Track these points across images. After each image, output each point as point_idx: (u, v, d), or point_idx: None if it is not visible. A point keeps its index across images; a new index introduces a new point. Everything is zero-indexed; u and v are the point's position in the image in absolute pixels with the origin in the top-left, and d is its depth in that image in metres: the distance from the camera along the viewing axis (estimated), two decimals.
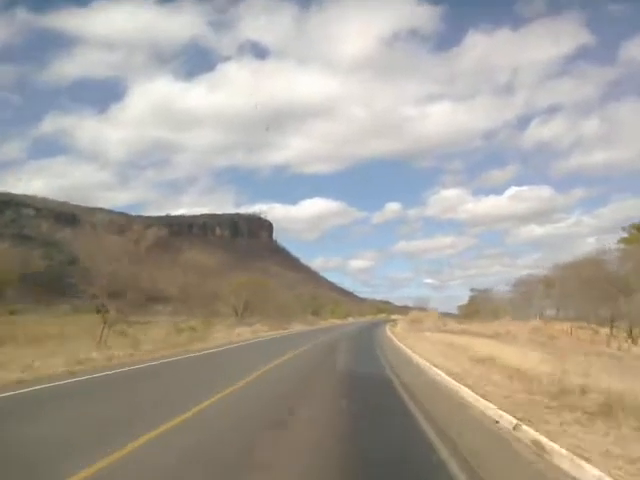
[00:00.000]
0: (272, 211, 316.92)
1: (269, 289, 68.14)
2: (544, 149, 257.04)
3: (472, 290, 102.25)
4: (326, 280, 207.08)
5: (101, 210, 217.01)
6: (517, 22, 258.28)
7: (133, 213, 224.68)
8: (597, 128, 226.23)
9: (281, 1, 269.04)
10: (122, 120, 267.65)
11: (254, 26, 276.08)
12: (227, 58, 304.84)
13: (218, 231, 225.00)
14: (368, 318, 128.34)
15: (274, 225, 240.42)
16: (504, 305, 77.17)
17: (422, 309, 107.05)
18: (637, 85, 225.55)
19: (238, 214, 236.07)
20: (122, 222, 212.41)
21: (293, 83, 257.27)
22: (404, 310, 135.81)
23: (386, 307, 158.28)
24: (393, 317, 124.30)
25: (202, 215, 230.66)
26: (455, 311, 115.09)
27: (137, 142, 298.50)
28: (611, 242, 49.45)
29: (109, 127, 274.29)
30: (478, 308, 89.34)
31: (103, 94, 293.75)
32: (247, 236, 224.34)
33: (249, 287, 59.34)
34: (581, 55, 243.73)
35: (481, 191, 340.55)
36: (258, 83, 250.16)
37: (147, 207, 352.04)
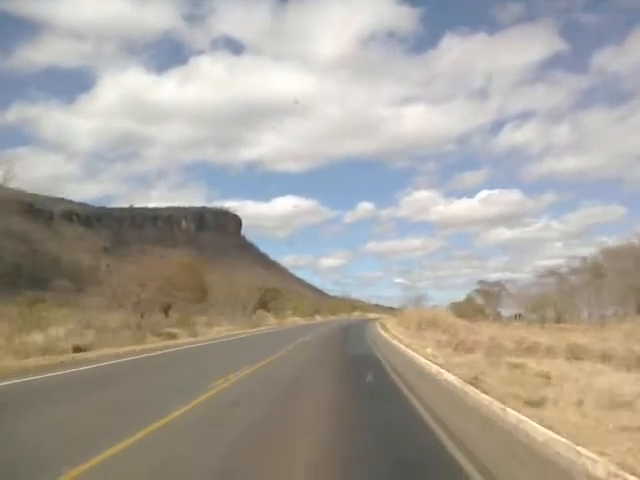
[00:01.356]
0: (243, 208, 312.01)
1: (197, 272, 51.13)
2: (516, 154, 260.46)
3: (479, 283, 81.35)
4: (295, 277, 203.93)
5: (61, 200, 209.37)
6: (493, 27, 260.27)
7: (95, 204, 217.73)
8: (568, 135, 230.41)
9: None
10: (91, 111, 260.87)
11: (229, 20, 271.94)
12: (200, 52, 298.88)
13: (184, 224, 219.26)
14: (342, 317, 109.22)
15: (245, 222, 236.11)
16: (541, 301, 60.92)
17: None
18: (607, 94, 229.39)
19: (205, 208, 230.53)
20: (86, 213, 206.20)
21: (268, 80, 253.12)
22: (376, 309, 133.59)
23: (360, 305, 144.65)
24: (371, 316, 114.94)
25: (168, 208, 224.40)
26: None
27: (106, 134, 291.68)
28: None
29: (77, 118, 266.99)
30: (479, 307, 75.34)
31: (71, 84, 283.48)
32: (214, 230, 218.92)
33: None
34: (555, 62, 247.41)
35: (453, 193, 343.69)
36: (232, 78, 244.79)
37: (116, 201, 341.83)
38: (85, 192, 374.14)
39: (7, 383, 10.42)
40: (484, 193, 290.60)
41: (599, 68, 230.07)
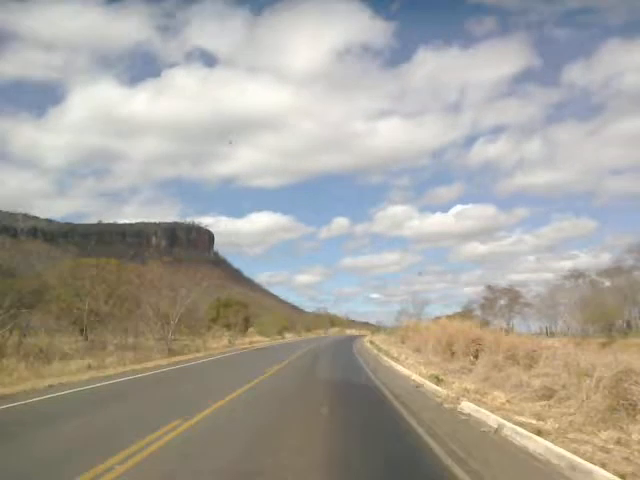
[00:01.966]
0: (218, 224, 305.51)
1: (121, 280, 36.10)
2: (489, 168, 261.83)
3: (488, 288, 65.29)
4: (270, 293, 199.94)
5: (26, 217, 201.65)
6: (467, 41, 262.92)
7: (62, 221, 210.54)
8: (539, 149, 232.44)
9: (232, 8, 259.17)
10: (61, 125, 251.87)
11: (203, 33, 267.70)
12: (174, 64, 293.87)
13: (154, 240, 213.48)
14: (319, 335, 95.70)
15: (219, 239, 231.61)
16: (601, 309, 47.13)
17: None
18: (578, 108, 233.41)
19: (177, 223, 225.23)
20: (52, 229, 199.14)
21: (242, 93, 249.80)
22: (354, 325, 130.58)
23: (338, 321, 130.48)
24: (350, 332, 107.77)
25: (137, 223, 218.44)
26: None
27: (77, 149, 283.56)
28: None
29: (47, 132, 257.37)
30: (481, 321, 54.86)
31: (41, 97, 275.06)
32: (186, 246, 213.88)
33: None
34: (527, 76, 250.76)
35: (428, 208, 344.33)
36: (206, 92, 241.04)
37: (88, 218, 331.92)
38: (55, 209, 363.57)
39: None
40: (458, 207, 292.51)
41: (570, 82, 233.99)
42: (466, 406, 9.31)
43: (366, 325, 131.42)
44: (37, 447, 6.97)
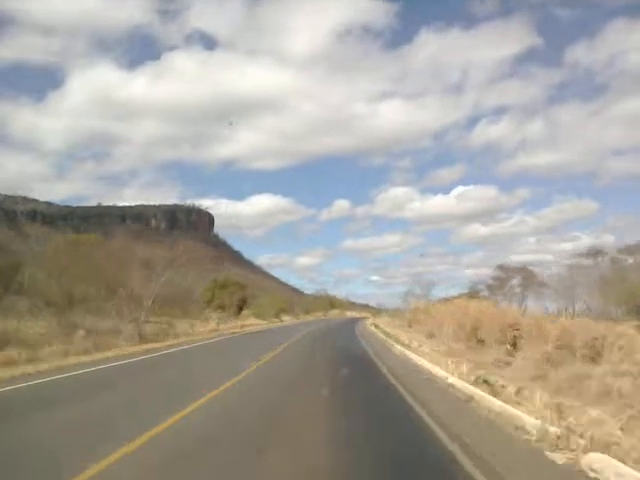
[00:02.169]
0: (218, 207, 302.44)
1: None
2: (491, 149, 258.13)
3: (498, 268, 56.20)
4: (270, 275, 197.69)
5: (25, 199, 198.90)
6: (469, 22, 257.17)
7: (60, 203, 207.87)
8: (542, 130, 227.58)
9: None
10: (61, 109, 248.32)
11: (203, 15, 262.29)
12: (174, 47, 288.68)
13: (154, 222, 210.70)
14: (318, 317, 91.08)
15: (220, 221, 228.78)
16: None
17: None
18: (580, 89, 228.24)
19: (177, 205, 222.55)
20: (51, 212, 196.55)
21: (243, 76, 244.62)
22: (353, 307, 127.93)
23: (338, 302, 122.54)
24: (350, 314, 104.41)
25: (137, 206, 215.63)
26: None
27: (77, 132, 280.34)
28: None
29: (46, 116, 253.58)
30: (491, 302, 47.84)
31: (40, 81, 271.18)
32: (186, 228, 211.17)
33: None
34: (529, 57, 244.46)
35: (429, 190, 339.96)
36: (206, 74, 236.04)
37: (87, 201, 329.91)
38: (55, 192, 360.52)
39: None
40: (460, 189, 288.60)
41: (572, 62, 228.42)
42: (598, 463, 4.77)
43: (366, 307, 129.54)
44: None
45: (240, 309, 63.85)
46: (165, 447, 6.18)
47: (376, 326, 39.78)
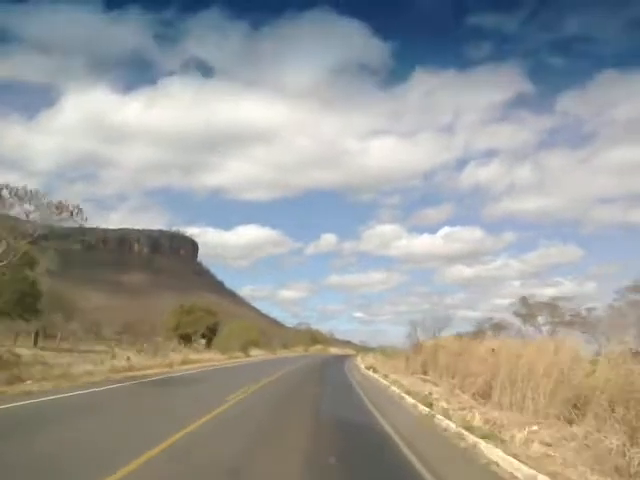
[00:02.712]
0: (205, 236, 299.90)
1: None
2: (479, 192, 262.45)
3: (522, 301, 37.50)
4: (251, 306, 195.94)
5: (2, 216, 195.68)
6: (463, 64, 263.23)
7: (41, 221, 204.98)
8: (530, 175, 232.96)
9: (231, 21, 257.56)
10: (52, 129, 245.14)
11: (201, 43, 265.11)
12: (170, 73, 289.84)
13: (136, 247, 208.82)
14: (297, 353, 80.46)
15: (206, 250, 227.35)
16: None
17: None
18: (569, 136, 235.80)
19: (161, 231, 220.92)
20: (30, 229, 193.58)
21: (237, 105, 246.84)
22: (337, 343, 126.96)
23: (321, 337, 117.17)
24: (334, 351, 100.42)
25: (121, 229, 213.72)
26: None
27: (66, 153, 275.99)
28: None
29: (37, 135, 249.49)
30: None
31: (33, 99, 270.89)
32: (169, 254, 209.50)
33: None
34: (520, 103, 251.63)
35: (416, 229, 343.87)
36: (201, 102, 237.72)
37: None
38: None
39: None
40: (446, 229, 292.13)
41: (562, 110, 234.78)
42: None
43: (348, 344, 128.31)
44: None
45: (209, 339, 58.19)
46: None
47: (374, 370, 31.65)
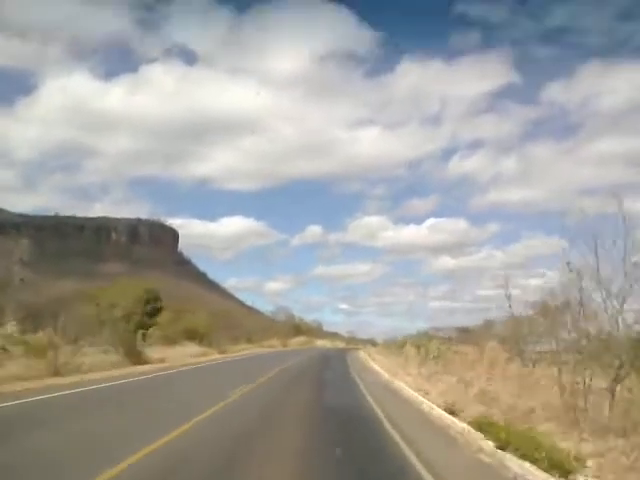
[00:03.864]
0: (189, 226, 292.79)
1: None
2: (464, 183, 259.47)
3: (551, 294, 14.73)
4: (235, 297, 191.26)
5: None
6: (450, 54, 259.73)
7: (13, 211, 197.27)
8: (515, 166, 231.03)
9: (215, 6, 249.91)
10: (30, 117, 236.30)
11: (184, 29, 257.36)
12: (152, 60, 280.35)
13: (114, 236, 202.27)
14: (271, 349, 64.76)
15: (187, 240, 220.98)
16: None
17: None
18: (554, 127, 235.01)
19: (139, 219, 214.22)
20: (2, 220, 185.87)
21: (221, 93, 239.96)
22: (324, 335, 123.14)
23: (307, 327, 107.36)
24: (321, 343, 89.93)
25: (98, 218, 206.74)
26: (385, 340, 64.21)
27: (46, 142, 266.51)
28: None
29: (15, 123, 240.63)
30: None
31: (10, 86, 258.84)
32: (148, 244, 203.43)
33: None
34: (506, 93, 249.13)
35: (402, 220, 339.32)
36: (184, 90, 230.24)
37: (45, 210, 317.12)
38: (20, 203, 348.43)
39: None
40: (432, 220, 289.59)
41: (548, 101, 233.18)
42: None
43: (336, 336, 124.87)
44: None
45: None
46: None
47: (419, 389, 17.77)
